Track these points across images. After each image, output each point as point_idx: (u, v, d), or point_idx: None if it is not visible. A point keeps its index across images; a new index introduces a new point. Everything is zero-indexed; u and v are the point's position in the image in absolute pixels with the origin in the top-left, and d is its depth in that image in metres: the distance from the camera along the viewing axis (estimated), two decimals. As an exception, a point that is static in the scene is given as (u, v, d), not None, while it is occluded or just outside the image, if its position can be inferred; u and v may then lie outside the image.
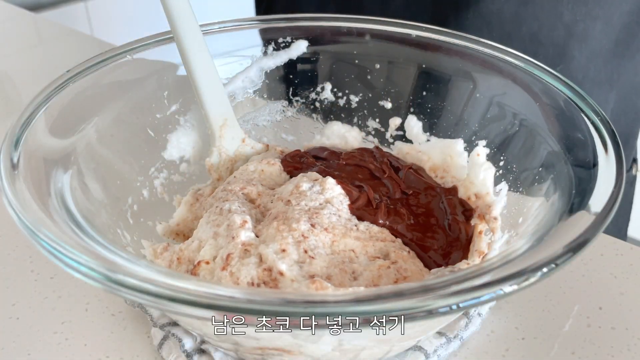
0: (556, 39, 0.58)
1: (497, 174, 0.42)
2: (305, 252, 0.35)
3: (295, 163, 0.45)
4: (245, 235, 0.36)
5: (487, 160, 0.42)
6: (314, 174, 0.42)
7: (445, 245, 0.39)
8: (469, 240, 0.39)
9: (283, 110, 0.51)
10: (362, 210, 0.40)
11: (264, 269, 0.34)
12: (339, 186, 0.40)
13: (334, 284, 0.33)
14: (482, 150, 0.42)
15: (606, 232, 0.45)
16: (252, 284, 0.33)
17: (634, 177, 0.73)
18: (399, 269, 0.36)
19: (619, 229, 0.72)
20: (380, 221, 0.39)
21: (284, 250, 0.35)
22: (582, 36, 0.58)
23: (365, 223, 0.39)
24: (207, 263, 0.36)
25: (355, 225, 0.38)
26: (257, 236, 0.37)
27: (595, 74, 0.60)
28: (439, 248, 0.38)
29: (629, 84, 0.64)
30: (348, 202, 0.40)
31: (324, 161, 0.46)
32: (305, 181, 0.41)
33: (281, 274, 0.33)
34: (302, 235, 0.36)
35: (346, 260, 0.36)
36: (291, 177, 0.44)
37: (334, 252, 0.36)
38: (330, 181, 0.40)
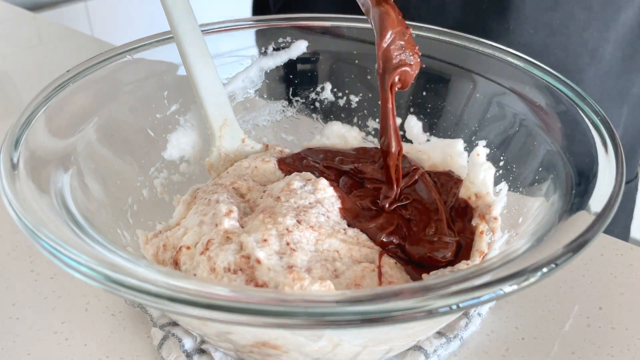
0: (581, 65, 0.59)
1: (497, 174, 0.42)
2: (288, 244, 0.35)
3: (291, 167, 0.45)
4: (229, 223, 0.37)
5: (487, 160, 0.42)
6: (308, 174, 0.42)
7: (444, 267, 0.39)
8: (469, 246, 0.40)
9: (283, 110, 0.51)
10: (375, 230, 0.40)
11: (242, 256, 0.34)
12: (331, 188, 0.40)
13: (314, 278, 0.33)
14: (482, 150, 0.42)
15: (611, 234, 0.45)
16: (229, 269, 0.34)
17: None
18: (384, 273, 0.36)
19: (623, 231, 0.72)
20: (384, 239, 0.39)
21: (265, 240, 0.35)
22: (600, 59, 0.59)
23: (355, 230, 0.39)
24: (188, 248, 0.36)
25: (344, 230, 0.38)
26: (242, 227, 0.37)
27: (609, 91, 0.62)
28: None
29: (638, 96, 0.65)
30: (339, 206, 0.40)
31: (325, 167, 0.45)
32: (297, 180, 0.41)
33: (258, 261, 0.33)
34: (287, 229, 0.36)
35: (329, 258, 0.36)
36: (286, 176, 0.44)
37: (317, 250, 0.36)
38: (323, 182, 0.40)
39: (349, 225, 0.39)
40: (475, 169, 0.42)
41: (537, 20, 0.57)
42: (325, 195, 0.40)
